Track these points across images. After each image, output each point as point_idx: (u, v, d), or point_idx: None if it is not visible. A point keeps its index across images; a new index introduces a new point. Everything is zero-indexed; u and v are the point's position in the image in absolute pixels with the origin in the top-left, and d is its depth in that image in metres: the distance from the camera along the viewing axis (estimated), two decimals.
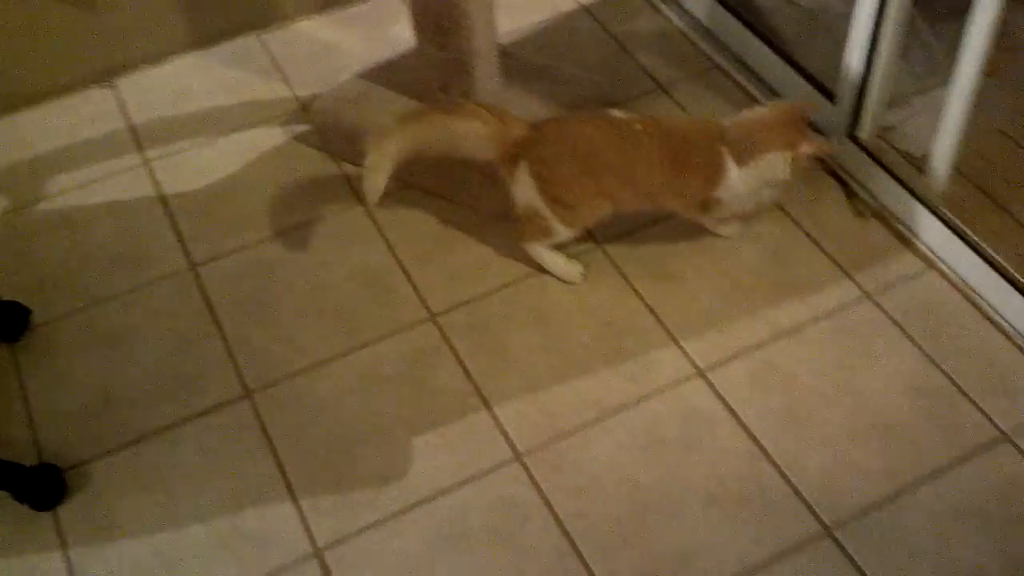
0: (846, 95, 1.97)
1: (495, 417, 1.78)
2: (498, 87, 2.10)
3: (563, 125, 1.89)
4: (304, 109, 2.29)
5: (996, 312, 1.84)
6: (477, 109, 1.85)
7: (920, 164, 1.94)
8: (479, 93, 2.05)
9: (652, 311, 1.91)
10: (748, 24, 2.26)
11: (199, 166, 2.21)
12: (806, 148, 1.82)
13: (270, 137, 2.25)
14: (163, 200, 2.15)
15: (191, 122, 2.31)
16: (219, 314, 1.95)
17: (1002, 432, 1.71)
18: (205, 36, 2.46)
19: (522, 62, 2.22)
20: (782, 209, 2.03)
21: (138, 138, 2.28)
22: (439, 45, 2.00)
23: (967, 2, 1.69)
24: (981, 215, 2.00)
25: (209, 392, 1.84)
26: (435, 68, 2.04)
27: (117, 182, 2.20)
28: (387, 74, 2.17)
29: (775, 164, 1.83)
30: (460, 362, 1.86)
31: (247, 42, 2.48)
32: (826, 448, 1.71)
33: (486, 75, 2.05)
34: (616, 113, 1.89)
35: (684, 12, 2.44)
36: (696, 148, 1.85)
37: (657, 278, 1.96)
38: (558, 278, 1.96)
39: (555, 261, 1.96)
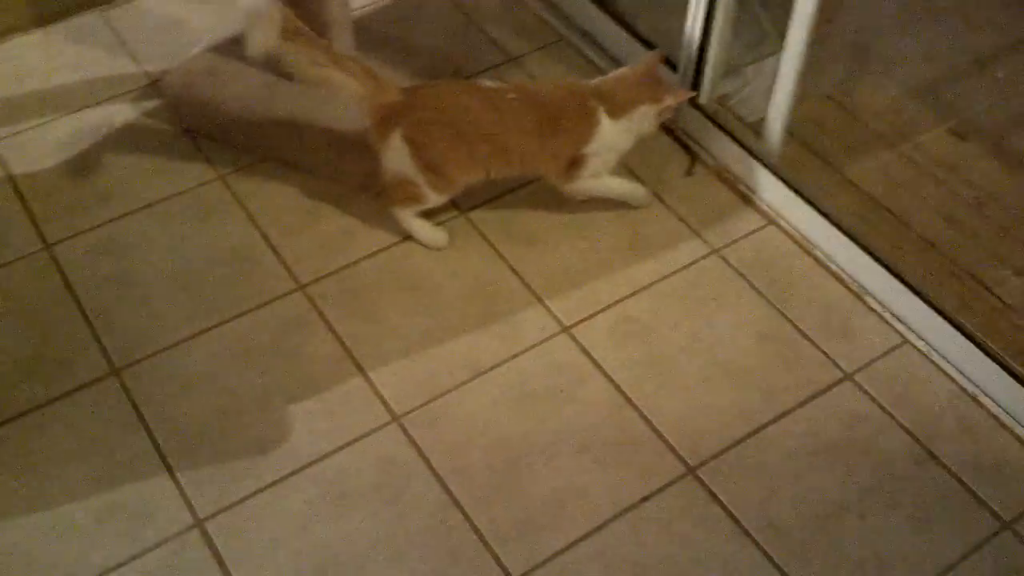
0: (686, 64, 2.09)
1: (370, 381, 1.82)
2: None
3: (438, 92, 1.93)
4: (154, 84, 2.26)
5: (832, 261, 1.99)
6: (359, 68, 1.86)
7: (758, 128, 2.08)
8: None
9: (517, 273, 1.98)
10: None
11: (48, 145, 2.15)
12: (670, 100, 1.94)
13: (120, 114, 2.21)
14: (12, 180, 2.08)
15: (36, 101, 2.24)
16: (79, 294, 1.91)
17: (843, 371, 1.85)
18: (47, 13, 2.38)
19: (374, 33, 2.25)
20: (634, 174, 2.14)
21: None
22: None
23: None
24: (813, 173, 2.15)
25: (75, 372, 1.81)
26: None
27: None
28: (239, 47, 2.15)
29: (646, 116, 1.94)
30: (332, 330, 1.88)
31: (90, 19, 2.42)
32: (684, 393, 1.81)
33: (342, 45, 2.07)
34: (487, 83, 1.95)
35: None
36: (568, 109, 1.93)
37: (521, 242, 2.03)
38: (424, 245, 2.01)
39: (422, 228, 2.00)
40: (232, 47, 2.17)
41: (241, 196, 2.07)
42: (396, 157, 1.91)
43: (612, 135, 1.94)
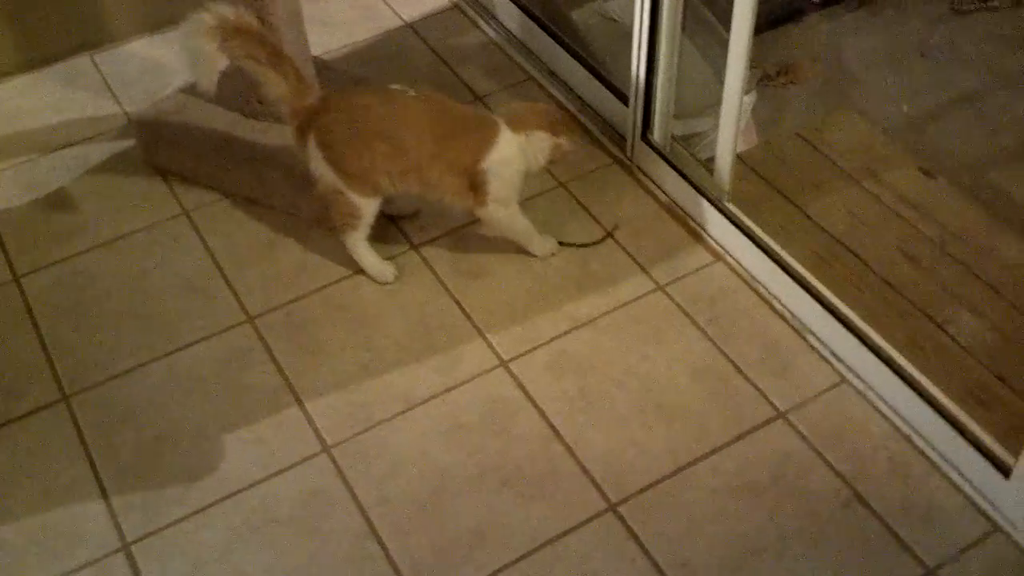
0: (636, 100, 2.11)
1: (306, 412, 1.86)
2: None
3: (345, 96, 1.98)
4: (130, 124, 2.35)
5: (776, 299, 1.97)
6: (292, 71, 1.90)
7: (711, 167, 2.08)
8: None
9: (461, 307, 2.01)
10: (556, 38, 2.39)
11: (26, 182, 2.26)
12: (565, 140, 1.97)
13: (98, 152, 2.31)
14: None
15: (20, 140, 2.35)
16: (39, 322, 2.00)
17: (777, 410, 1.83)
18: (38, 58, 2.51)
19: (341, 74, 2.32)
20: (586, 210, 2.15)
21: None
22: None
23: (767, 15, 1.83)
24: (771, 211, 2.14)
25: (26, 397, 1.88)
26: (249, 80, 2.13)
27: None
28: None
29: (542, 144, 1.96)
30: (275, 361, 1.93)
31: (79, 62, 2.54)
32: (614, 429, 1.81)
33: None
34: (396, 86, 1.99)
35: (501, 27, 2.56)
36: (468, 117, 1.97)
37: (468, 276, 2.05)
38: (372, 278, 2.05)
39: (370, 260, 2.04)
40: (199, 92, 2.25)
41: (203, 231, 2.14)
42: (316, 163, 1.95)
43: (509, 149, 1.95)
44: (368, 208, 1.99)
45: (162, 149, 2.22)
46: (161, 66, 2.51)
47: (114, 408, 1.87)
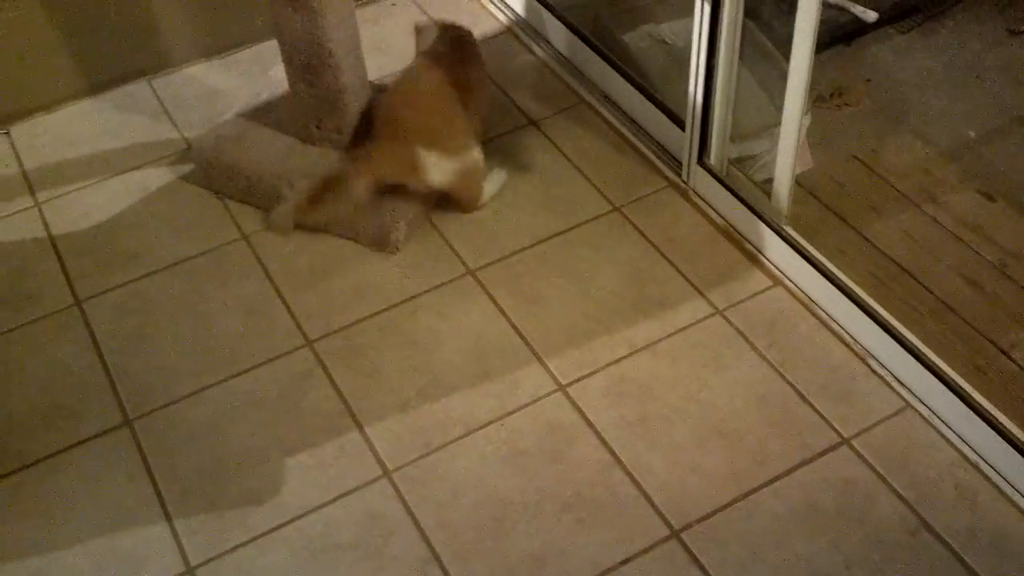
0: (693, 124, 2.11)
1: (366, 436, 1.86)
2: None
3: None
4: (188, 149, 2.38)
5: (836, 323, 1.96)
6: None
7: (768, 189, 2.07)
8: (350, 128, 2.16)
9: (518, 332, 2.01)
10: (609, 61, 2.39)
11: (88, 207, 2.29)
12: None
13: (157, 177, 2.34)
14: (52, 240, 2.22)
15: (81, 165, 2.39)
16: (102, 347, 2.02)
17: (841, 436, 1.82)
18: (97, 83, 2.54)
19: None
20: (642, 233, 2.15)
21: (30, 182, 2.36)
22: (309, 83, 2.11)
23: (820, 37, 1.83)
24: (829, 234, 2.13)
25: (90, 421, 1.91)
26: (308, 106, 2.15)
27: (7, 225, 2.27)
28: (264, 113, 2.27)
29: None
30: (334, 385, 1.94)
31: (137, 87, 2.57)
32: (675, 454, 1.80)
33: (357, 110, 2.16)
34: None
35: (553, 50, 2.57)
36: None
37: (525, 301, 2.06)
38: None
39: (492, 187, 2.25)
40: (260, 114, 2.28)
41: (262, 255, 2.16)
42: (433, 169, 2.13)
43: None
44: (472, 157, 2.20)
45: (221, 173, 2.24)
46: (218, 91, 2.54)
47: (176, 432, 1.88)
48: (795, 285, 2.02)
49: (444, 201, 2.20)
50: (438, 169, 2.10)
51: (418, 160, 2.08)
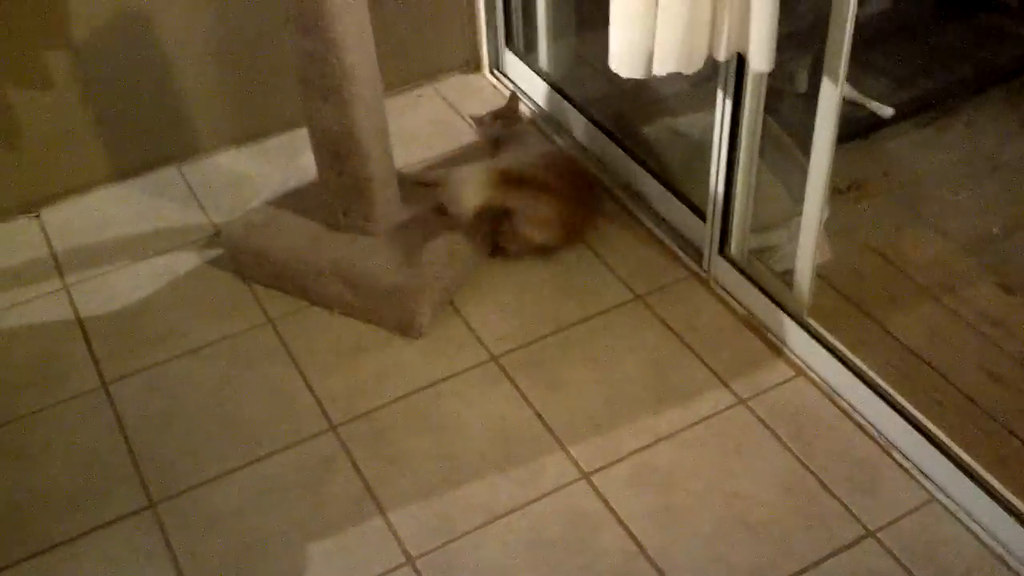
0: (713, 216, 2.14)
1: (389, 522, 1.86)
2: (396, 210, 2.25)
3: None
4: (217, 235, 2.43)
5: (860, 415, 1.96)
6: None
7: (789, 280, 2.09)
8: (378, 215, 2.20)
9: (541, 418, 2.02)
10: (630, 153, 2.45)
11: (116, 290, 2.32)
12: None
13: (186, 261, 2.37)
14: (80, 323, 2.25)
15: (111, 248, 2.43)
16: (128, 429, 2.03)
17: (866, 529, 1.81)
18: (128, 168, 2.60)
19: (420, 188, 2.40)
20: (664, 323, 2.17)
21: (59, 264, 2.39)
22: (337, 172, 2.16)
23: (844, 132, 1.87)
24: (849, 325, 2.14)
25: (115, 503, 1.91)
26: (335, 193, 2.20)
27: (36, 307, 2.30)
28: (293, 200, 2.32)
29: None
30: (357, 470, 1.94)
31: (168, 173, 2.62)
32: (700, 545, 1.80)
33: (384, 199, 2.20)
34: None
35: (575, 141, 2.63)
36: None
37: (547, 387, 2.07)
38: None
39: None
40: (289, 201, 2.33)
41: (287, 339, 2.18)
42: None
43: None
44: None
45: (249, 259, 2.28)
46: (247, 177, 2.59)
47: (200, 515, 1.88)
48: (818, 376, 2.03)
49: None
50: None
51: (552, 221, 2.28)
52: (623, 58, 1.80)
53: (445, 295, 2.22)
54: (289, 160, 2.56)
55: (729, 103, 2.00)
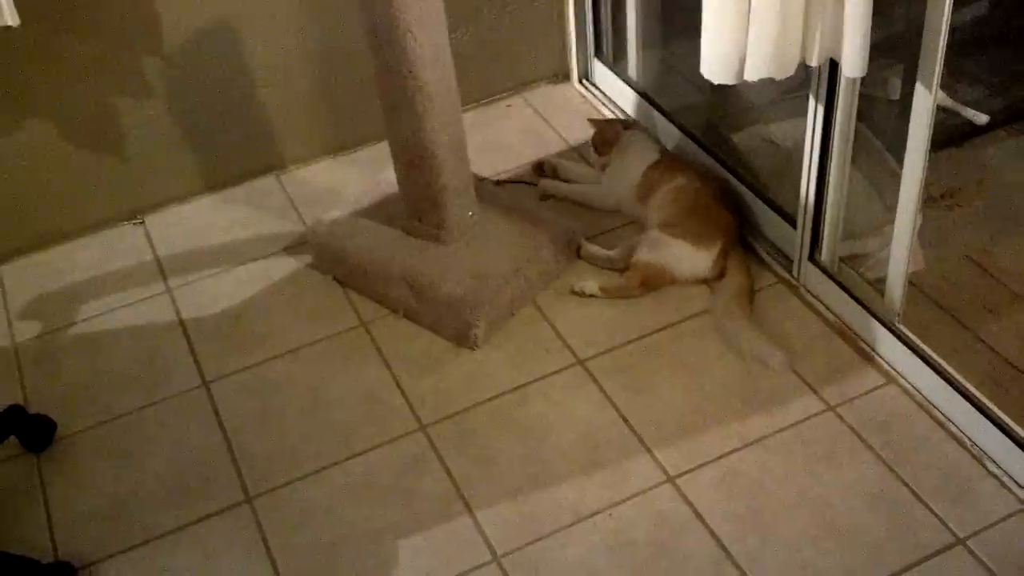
0: (804, 222, 2.14)
1: (476, 521, 1.89)
2: (472, 221, 2.30)
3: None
4: (305, 235, 2.50)
5: (952, 423, 1.93)
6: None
7: (881, 287, 2.08)
8: (451, 224, 2.25)
9: (627, 422, 2.03)
10: (720, 160, 2.45)
11: (216, 293, 2.41)
12: None
13: (282, 267, 2.45)
14: (182, 324, 2.34)
15: (211, 254, 2.52)
16: (226, 427, 2.10)
17: (957, 537, 1.78)
18: (228, 177, 2.70)
19: (502, 196, 2.46)
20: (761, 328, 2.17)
21: (163, 269, 2.49)
22: (413, 181, 2.22)
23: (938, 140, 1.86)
24: (942, 333, 2.12)
25: (213, 498, 1.98)
26: (412, 201, 2.26)
27: (141, 309, 2.40)
28: (379, 207, 2.40)
29: None
30: (446, 469, 1.98)
31: (266, 182, 2.71)
32: (787, 552, 1.79)
33: (459, 208, 2.25)
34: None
35: (664, 149, 2.63)
36: None
37: (633, 391, 2.09)
38: None
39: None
40: (375, 207, 2.40)
41: (379, 342, 2.24)
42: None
43: None
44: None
45: (330, 257, 2.37)
46: (341, 186, 2.66)
47: (294, 511, 1.94)
48: (909, 384, 2.01)
49: None
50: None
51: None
52: (715, 64, 1.82)
53: (505, 310, 2.25)
54: (380, 169, 2.62)
55: (821, 109, 1.99)
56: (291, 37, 2.56)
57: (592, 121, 2.57)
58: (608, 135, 2.50)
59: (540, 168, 2.60)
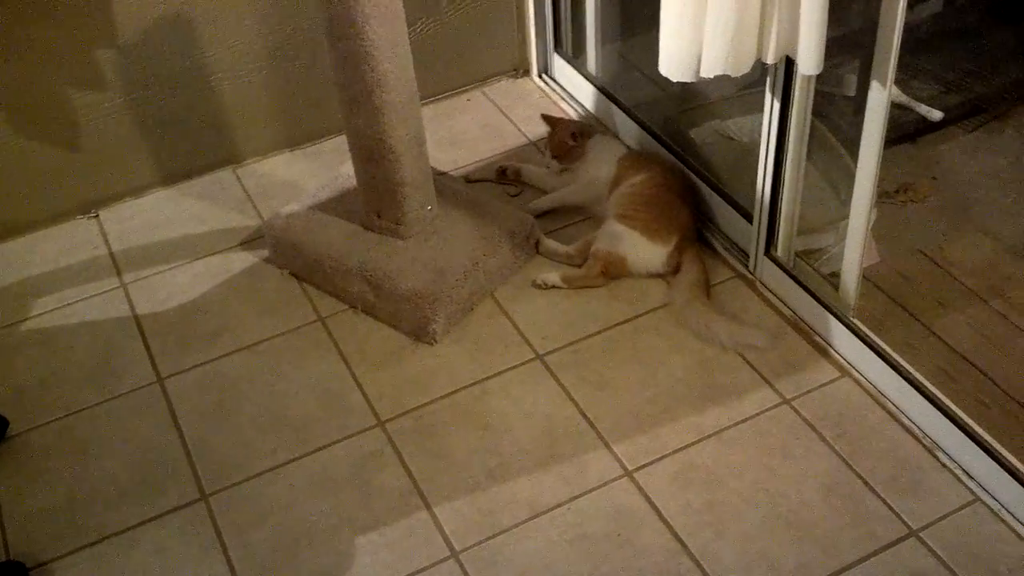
0: (760, 217, 2.15)
1: (434, 516, 1.89)
2: (430, 215, 2.29)
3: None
4: (261, 229, 2.49)
5: (905, 415, 1.96)
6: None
7: (836, 282, 2.10)
8: (409, 219, 2.25)
9: (585, 416, 2.04)
10: (678, 156, 2.46)
11: (172, 288, 2.38)
12: None
13: (239, 261, 2.43)
14: (137, 320, 2.31)
15: (167, 248, 2.49)
16: (182, 423, 2.08)
17: (909, 529, 1.81)
18: (184, 171, 2.67)
19: (462, 191, 2.45)
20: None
21: (117, 263, 2.46)
22: (371, 175, 2.21)
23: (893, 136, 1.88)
24: (896, 327, 2.15)
25: (168, 495, 1.96)
26: (370, 196, 2.25)
27: (95, 304, 2.37)
28: (336, 201, 2.39)
29: None
30: (404, 465, 1.98)
31: (223, 175, 2.69)
32: (743, 543, 1.81)
33: (418, 202, 2.25)
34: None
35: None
36: None
37: (591, 385, 2.09)
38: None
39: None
40: (333, 202, 2.39)
41: (337, 337, 2.23)
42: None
43: None
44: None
45: (286, 251, 2.35)
46: (298, 180, 2.64)
47: (251, 508, 1.93)
48: (863, 377, 2.04)
49: None
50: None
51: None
52: (672, 62, 1.83)
53: (464, 305, 2.25)
54: (339, 163, 2.61)
55: (777, 106, 2.01)
56: (250, 29, 2.54)
57: (545, 117, 2.57)
58: (574, 153, 2.47)
59: (503, 172, 2.59)
